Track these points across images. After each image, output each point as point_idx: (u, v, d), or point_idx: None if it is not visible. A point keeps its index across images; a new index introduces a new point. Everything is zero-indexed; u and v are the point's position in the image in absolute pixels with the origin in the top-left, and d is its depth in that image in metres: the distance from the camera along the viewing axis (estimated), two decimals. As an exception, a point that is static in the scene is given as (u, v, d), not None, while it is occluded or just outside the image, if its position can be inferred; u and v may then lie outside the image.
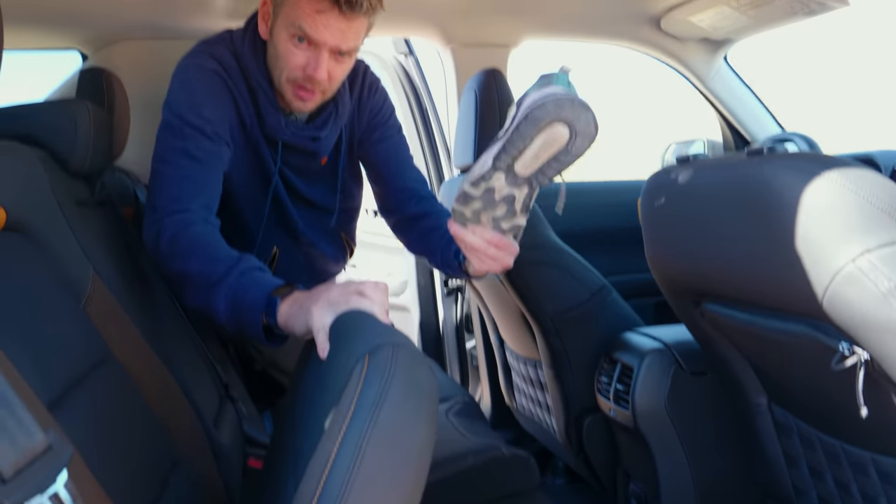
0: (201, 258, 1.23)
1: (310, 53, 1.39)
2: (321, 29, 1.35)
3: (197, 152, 1.38)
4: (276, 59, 1.43)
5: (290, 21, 1.36)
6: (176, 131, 1.39)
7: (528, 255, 1.85)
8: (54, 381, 0.85)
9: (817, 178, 0.97)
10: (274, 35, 1.42)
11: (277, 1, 1.40)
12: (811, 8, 2.05)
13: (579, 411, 1.92)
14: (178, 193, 1.33)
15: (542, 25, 2.50)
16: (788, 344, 1.19)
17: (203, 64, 1.45)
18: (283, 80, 1.44)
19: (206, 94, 1.43)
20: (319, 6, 1.33)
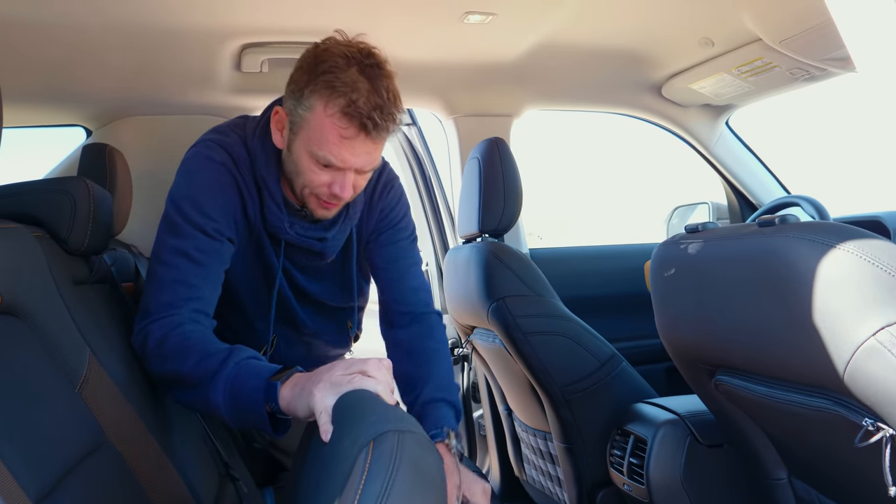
0: (193, 356, 1.19)
1: (335, 174, 1.33)
2: (348, 156, 1.30)
3: (195, 253, 1.33)
4: (297, 174, 1.36)
5: (312, 147, 1.31)
6: (177, 229, 1.34)
7: (536, 325, 1.83)
8: (46, 473, 0.81)
9: (833, 250, 0.95)
10: (293, 151, 1.35)
11: (295, 119, 1.33)
12: (812, 74, 2.07)
13: (592, 485, 1.86)
14: (170, 299, 1.28)
15: (544, 95, 2.53)
16: (808, 418, 1.15)
17: (211, 155, 1.40)
18: (304, 190, 1.38)
19: (210, 188, 1.37)
20: (346, 132, 1.27)
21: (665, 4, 1.86)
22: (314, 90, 1.28)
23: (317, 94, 1.27)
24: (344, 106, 1.25)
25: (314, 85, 1.28)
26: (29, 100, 2.15)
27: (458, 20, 1.83)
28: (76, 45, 1.81)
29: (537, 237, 5.34)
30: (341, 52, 1.29)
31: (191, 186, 1.37)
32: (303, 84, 1.30)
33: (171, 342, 1.22)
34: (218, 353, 1.17)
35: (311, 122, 1.29)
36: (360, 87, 1.26)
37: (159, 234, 1.36)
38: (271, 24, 1.83)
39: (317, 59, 1.29)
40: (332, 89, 1.26)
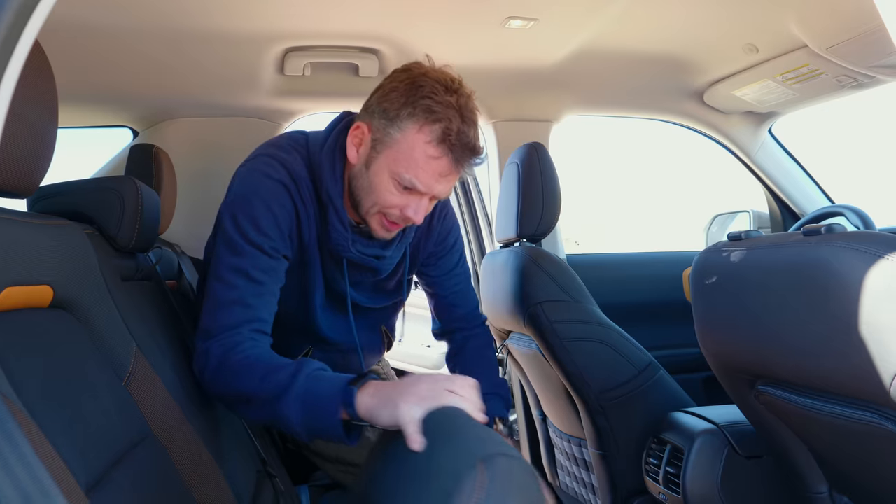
0: (258, 373, 1.20)
1: (412, 199, 1.34)
2: (432, 183, 1.32)
3: (254, 272, 1.32)
4: (370, 192, 1.36)
5: (399, 168, 1.31)
6: (235, 247, 1.33)
7: (573, 331, 1.82)
8: (94, 463, 0.83)
9: (881, 260, 0.93)
10: (371, 169, 1.35)
11: (383, 138, 1.32)
12: (859, 82, 2.03)
13: (626, 493, 1.85)
14: (229, 320, 1.28)
15: (584, 101, 2.53)
16: (852, 430, 1.13)
17: (270, 172, 1.38)
18: (372, 209, 1.38)
19: (268, 206, 1.36)
20: (438, 160, 1.29)
21: (709, 10, 1.84)
22: (412, 113, 1.28)
23: (414, 118, 1.28)
24: (440, 133, 1.27)
25: (412, 108, 1.28)
26: (78, 101, 2.21)
27: (499, 25, 1.83)
28: (124, 49, 1.86)
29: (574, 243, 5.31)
30: (439, 79, 1.30)
31: (249, 203, 1.35)
32: (399, 104, 1.30)
33: (234, 361, 1.23)
34: (286, 366, 1.18)
35: (402, 144, 1.30)
36: (456, 118, 1.27)
37: (217, 253, 1.35)
38: (314, 28, 1.86)
39: (414, 83, 1.30)
40: (431, 114, 1.27)
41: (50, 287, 0.92)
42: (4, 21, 0.60)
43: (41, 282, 0.91)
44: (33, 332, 0.87)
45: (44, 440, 0.69)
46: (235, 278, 1.31)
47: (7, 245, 0.82)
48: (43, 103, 0.89)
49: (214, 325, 1.29)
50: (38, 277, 0.90)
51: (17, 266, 0.84)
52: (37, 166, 0.89)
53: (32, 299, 0.89)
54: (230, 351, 1.24)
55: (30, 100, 0.85)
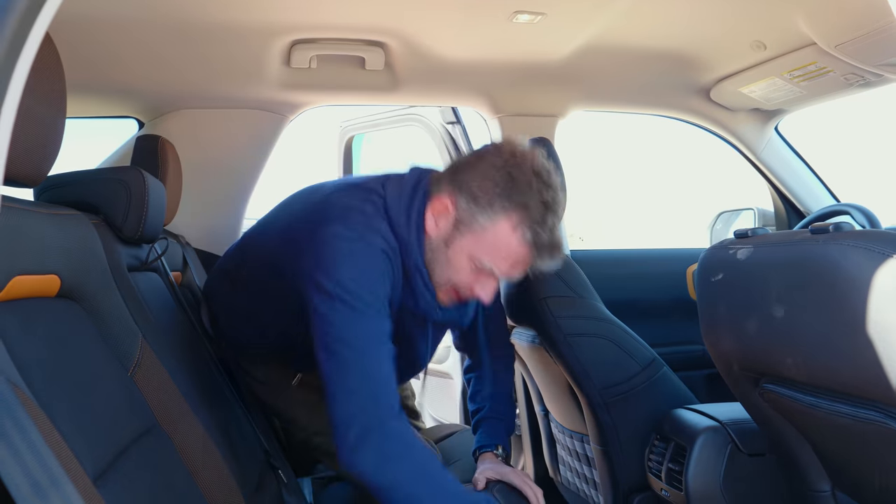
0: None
1: (485, 280, 1.36)
2: (511, 272, 1.35)
3: (383, 332, 1.29)
4: (445, 266, 1.36)
5: (481, 255, 1.32)
6: (362, 314, 1.27)
7: (577, 326, 1.82)
8: (101, 453, 0.84)
9: (889, 259, 0.93)
10: (451, 247, 1.35)
11: (468, 221, 1.32)
12: (868, 80, 2.02)
13: (628, 489, 1.85)
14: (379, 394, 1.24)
15: (590, 96, 2.52)
16: (856, 429, 1.13)
17: (371, 241, 1.32)
18: (445, 284, 1.38)
19: (379, 273, 1.32)
20: (521, 258, 1.32)
21: (716, 6, 1.84)
22: (507, 207, 1.29)
23: (507, 212, 1.29)
24: (532, 234, 1.29)
25: (508, 202, 1.29)
26: (85, 92, 2.21)
27: (506, 19, 1.82)
28: (131, 40, 1.86)
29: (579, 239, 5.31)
30: (537, 172, 1.31)
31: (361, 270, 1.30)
32: (493, 194, 1.30)
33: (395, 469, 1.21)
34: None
35: (489, 234, 1.31)
36: (547, 217, 1.30)
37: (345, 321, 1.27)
38: (321, 20, 1.85)
39: (511, 175, 1.30)
40: (527, 211, 1.29)
41: (57, 276, 0.93)
42: (16, 12, 0.60)
43: (49, 271, 0.91)
44: (41, 322, 0.87)
45: (52, 428, 0.70)
46: (378, 349, 1.27)
47: (15, 234, 0.83)
48: (51, 94, 0.89)
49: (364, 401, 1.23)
50: (46, 267, 0.91)
51: (24, 255, 0.85)
52: (44, 156, 0.89)
53: (40, 288, 0.90)
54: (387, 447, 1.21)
55: (39, 90, 0.85)
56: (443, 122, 2.81)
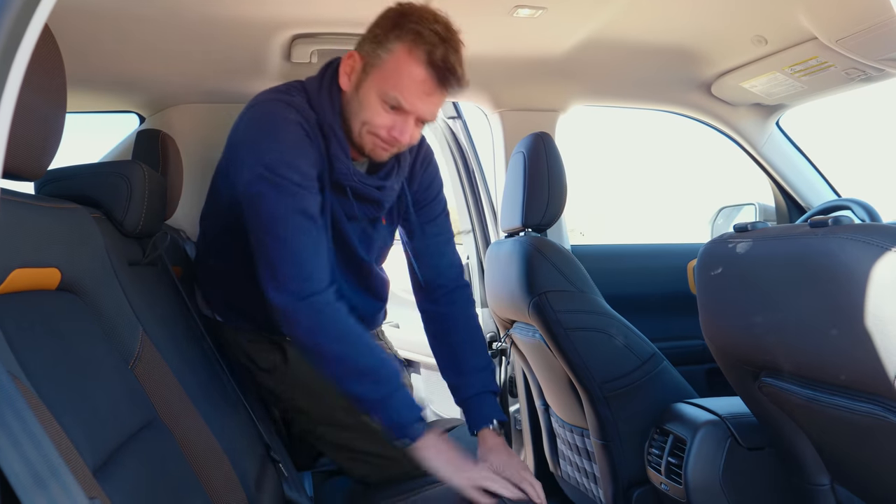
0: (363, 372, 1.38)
1: (398, 118, 1.41)
2: (417, 102, 1.39)
3: (312, 209, 1.39)
4: (360, 114, 1.43)
5: (386, 89, 1.38)
6: (282, 189, 1.37)
7: (577, 321, 1.82)
8: (101, 445, 0.84)
9: (888, 253, 0.93)
10: (361, 93, 1.43)
11: (370, 62, 1.41)
12: (869, 75, 2.02)
13: (628, 483, 1.85)
14: (304, 269, 1.36)
15: (591, 91, 2.51)
16: (855, 423, 1.13)
17: (287, 116, 1.43)
18: (363, 132, 1.44)
19: (298, 146, 1.42)
20: (425, 85, 1.37)
21: (718, 1, 1.83)
22: (400, 35, 1.37)
23: (402, 39, 1.37)
24: (428, 53, 1.35)
25: (400, 30, 1.37)
26: (85, 86, 2.21)
27: (507, 14, 1.82)
28: (131, 34, 1.85)
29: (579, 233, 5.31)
30: (428, 12, 1.39)
31: (281, 147, 1.40)
32: (388, 28, 1.38)
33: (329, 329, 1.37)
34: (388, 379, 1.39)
35: (390, 64, 1.38)
36: (442, 42, 1.35)
37: (261, 199, 1.38)
38: (322, 15, 1.85)
39: (403, 12, 1.39)
40: (419, 36, 1.35)
41: (58, 270, 0.93)
42: (15, 4, 0.61)
43: (49, 264, 0.91)
44: (41, 315, 0.87)
45: (52, 419, 0.70)
46: (299, 220, 1.37)
47: (15, 227, 0.83)
48: (51, 88, 0.90)
49: (292, 275, 1.35)
50: (47, 260, 0.91)
51: (25, 248, 0.85)
52: (45, 150, 0.89)
53: (40, 281, 0.90)
54: (319, 313, 1.35)
55: (39, 84, 0.85)
56: (444, 116, 2.80)
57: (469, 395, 1.69)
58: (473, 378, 1.70)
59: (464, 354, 1.74)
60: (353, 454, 1.73)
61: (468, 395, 1.70)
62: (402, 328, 3.20)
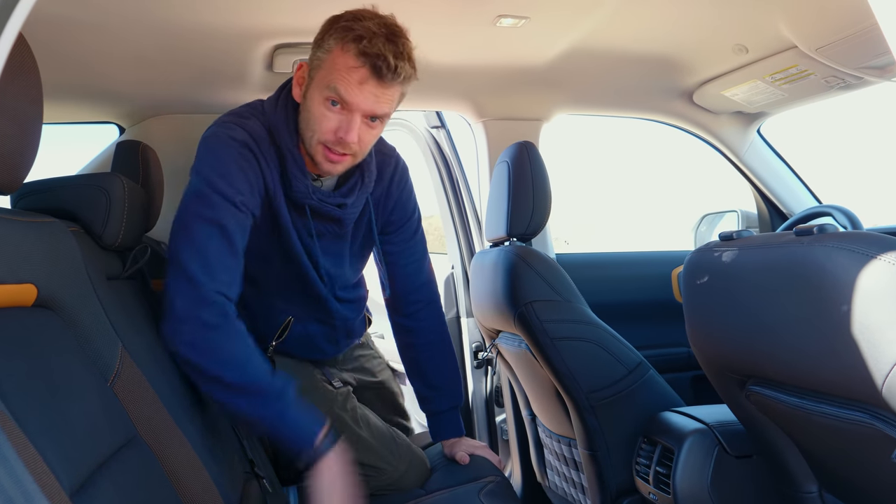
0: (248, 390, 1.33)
1: (342, 117, 1.41)
2: (356, 92, 1.38)
3: (229, 225, 1.39)
4: (309, 121, 1.44)
5: (325, 84, 1.39)
6: (204, 198, 1.39)
7: (563, 330, 1.82)
8: (79, 466, 0.82)
9: (873, 261, 0.93)
10: (308, 98, 1.44)
11: (314, 64, 1.43)
12: (848, 83, 2.04)
13: (616, 493, 1.84)
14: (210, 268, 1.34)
15: (574, 100, 2.52)
16: (842, 430, 1.13)
17: (232, 134, 1.46)
18: (314, 141, 1.45)
19: (236, 164, 1.44)
20: (358, 74, 1.37)
21: (699, 10, 1.84)
22: (333, 34, 1.39)
23: (335, 37, 1.39)
24: (359, 44, 1.36)
25: (334, 30, 1.39)
26: (63, 96, 2.18)
27: (490, 23, 1.82)
28: (110, 43, 1.83)
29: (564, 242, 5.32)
30: (367, 11, 1.41)
31: (216, 162, 1.43)
32: (324, 32, 1.41)
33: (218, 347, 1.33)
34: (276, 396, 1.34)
35: (326, 62, 1.39)
36: (377, 33, 1.36)
37: (187, 206, 1.40)
38: (304, 25, 1.84)
39: (341, 15, 1.42)
40: (350, 31, 1.37)
41: (34, 286, 0.91)
42: (-13, 13, 0.59)
43: (25, 280, 0.89)
44: (16, 332, 0.85)
45: (26, 443, 0.68)
46: (210, 229, 1.37)
47: (-10, 243, 0.81)
48: (27, 99, 0.88)
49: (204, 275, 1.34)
50: (22, 276, 0.89)
51: (0, 264, 0.83)
52: (21, 162, 0.87)
53: (16, 298, 0.88)
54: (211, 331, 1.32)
55: (14, 95, 0.83)
56: (427, 126, 2.80)
57: (439, 409, 1.83)
58: (442, 393, 1.84)
59: (434, 369, 1.85)
60: None
61: (438, 409, 1.84)
62: (386, 339, 3.18)
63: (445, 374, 1.86)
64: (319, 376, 1.79)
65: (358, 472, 1.69)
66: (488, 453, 1.83)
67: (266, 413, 1.33)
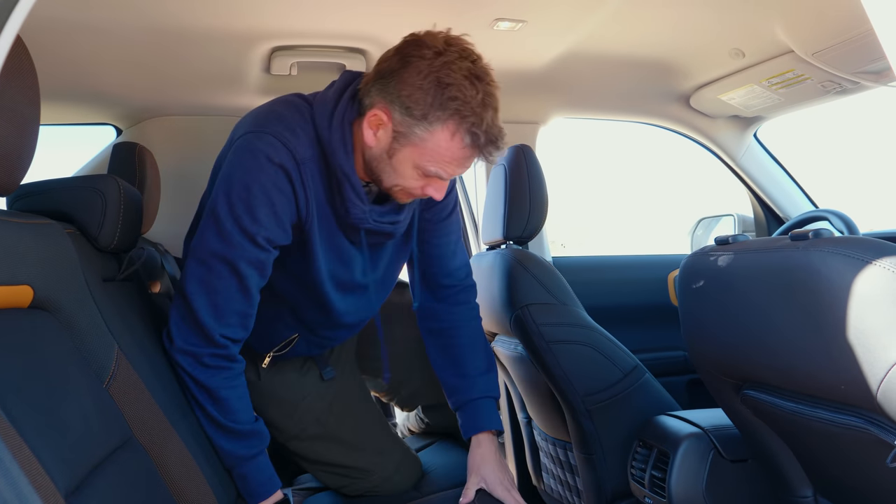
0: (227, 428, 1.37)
1: (433, 181, 1.36)
2: (458, 172, 1.36)
3: (241, 264, 1.33)
4: (392, 175, 1.36)
5: (425, 163, 1.32)
6: (225, 234, 1.32)
7: (559, 334, 1.82)
8: (74, 467, 0.82)
9: (869, 266, 0.93)
10: (395, 159, 1.34)
11: (404, 132, 1.31)
12: (844, 87, 2.04)
13: (612, 496, 1.84)
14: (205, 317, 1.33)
15: (571, 103, 2.53)
16: (837, 435, 1.13)
17: (270, 154, 1.33)
18: (394, 188, 1.39)
19: (265, 195, 1.32)
20: (467, 158, 1.32)
21: (696, 15, 1.85)
22: (441, 117, 1.27)
23: (443, 122, 1.27)
24: (470, 136, 1.28)
25: (442, 112, 1.27)
26: (61, 98, 2.18)
27: (487, 27, 1.82)
28: (108, 45, 1.83)
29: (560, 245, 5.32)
30: (466, 73, 1.27)
31: (244, 191, 1.32)
32: (427, 106, 1.27)
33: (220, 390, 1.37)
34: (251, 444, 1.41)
35: (430, 143, 1.30)
36: (485, 116, 1.27)
37: (207, 238, 1.34)
38: (301, 27, 1.84)
39: (440, 82, 1.26)
40: (462, 119, 1.27)
41: (30, 287, 0.91)
42: (-16, 15, 0.59)
43: (21, 281, 0.89)
44: (12, 333, 0.85)
45: (21, 444, 0.68)
46: (224, 268, 1.33)
47: (-14, 244, 0.81)
48: (24, 100, 0.88)
49: (191, 323, 1.34)
50: (19, 277, 0.89)
51: (-4, 265, 0.83)
52: (18, 164, 0.87)
53: (12, 299, 0.88)
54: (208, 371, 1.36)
55: (11, 97, 0.83)
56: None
57: (471, 397, 1.64)
58: (476, 381, 1.66)
59: (468, 356, 1.68)
60: (326, 466, 1.72)
61: (470, 397, 1.64)
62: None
63: (482, 362, 1.68)
64: (311, 366, 1.75)
65: (345, 474, 1.70)
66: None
67: (233, 450, 1.38)
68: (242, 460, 1.39)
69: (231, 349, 1.37)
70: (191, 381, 1.35)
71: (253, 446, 1.40)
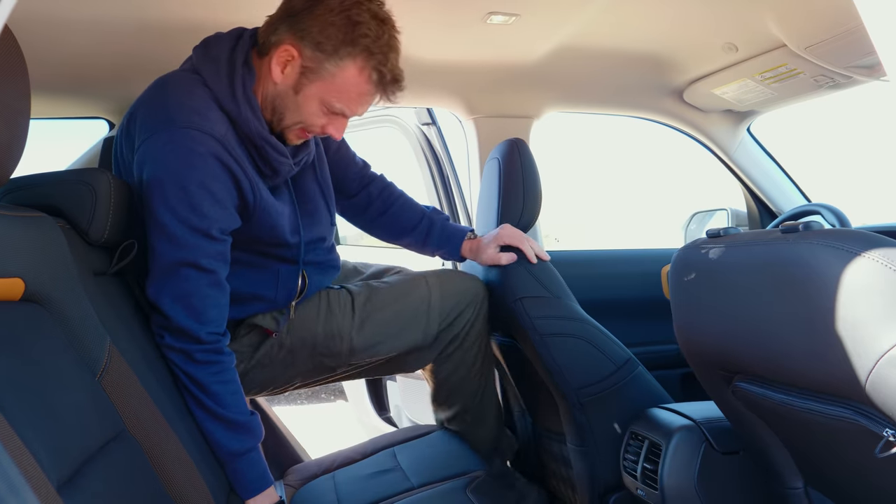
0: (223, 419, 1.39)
1: (335, 119, 1.44)
2: (361, 110, 1.42)
3: (202, 259, 1.36)
4: (295, 111, 1.43)
5: (331, 98, 1.40)
6: (176, 240, 1.33)
7: (552, 327, 1.82)
8: (66, 459, 0.82)
9: (858, 258, 0.94)
10: (301, 94, 1.41)
11: (313, 67, 1.38)
12: (837, 82, 2.05)
13: (605, 489, 1.85)
14: (186, 323, 1.35)
15: (565, 98, 2.53)
16: (827, 426, 1.14)
17: (194, 147, 1.33)
18: (294, 126, 1.45)
19: (204, 189, 1.34)
20: (371, 94, 1.41)
21: (689, 9, 1.85)
22: (351, 53, 1.36)
23: (353, 57, 1.36)
24: (378, 74, 1.37)
25: (352, 48, 1.35)
26: (52, 92, 2.17)
27: (480, 21, 1.82)
28: (99, 39, 1.82)
29: (554, 239, 5.33)
30: (373, 14, 1.37)
31: (182, 193, 1.33)
32: (337, 42, 1.35)
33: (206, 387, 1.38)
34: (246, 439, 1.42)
35: (339, 79, 1.38)
36: (391, 56, 1.37)
37: (161, 251, 1.35)
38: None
39: (351, 19, 1.35)
40: (370, 55, 1.36)
41: (21, 280, 0.91)
42: (-27, 6, 0.59)
43: (12, 274, 0.89)
44: (3, 326, 0.85)
45: (13, 435, 0.68)
46: (187, 271, 1.35)
47: (-24, 236, 0.81)
48: (14, 93, 0.87)
49: (174, 328, 1.36)
50: (10, 270, 0.88)
51: (-14, 258, 0.83)
52: (7, 158, 0.87)
53: (3, 292, 0.88)
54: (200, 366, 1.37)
55: (0, 89, 0.83)
56: (418, 123, 2.80)
57: (435, 229, 1.91)
58: (428, 219, 1.91)
59: (409, 211, 1.92)
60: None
61: (434, 230, 1.91)
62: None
63: (419, 210, 1.92)
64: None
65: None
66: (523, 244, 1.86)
67: (227, 444, 1.39)
68: (235, 455, 1.40)
69: (220, 343, 1.40)
70: (184, 376, 1.37)
71: (246, 441, 1.42)
